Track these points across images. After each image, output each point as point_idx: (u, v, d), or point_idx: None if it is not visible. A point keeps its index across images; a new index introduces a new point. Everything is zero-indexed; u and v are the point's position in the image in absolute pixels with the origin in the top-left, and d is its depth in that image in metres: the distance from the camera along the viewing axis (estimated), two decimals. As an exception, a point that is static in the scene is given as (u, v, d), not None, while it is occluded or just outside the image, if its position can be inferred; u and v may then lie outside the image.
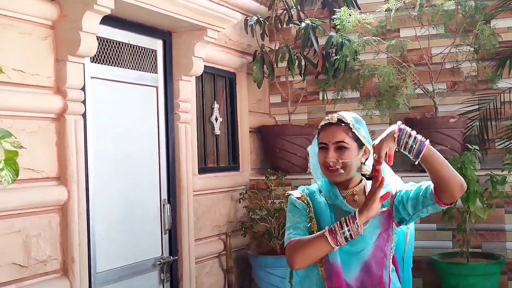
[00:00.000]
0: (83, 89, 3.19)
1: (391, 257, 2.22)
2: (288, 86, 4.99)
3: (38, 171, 2.95)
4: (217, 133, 4.56)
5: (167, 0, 3.46)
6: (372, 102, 4.64)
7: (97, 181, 3.32)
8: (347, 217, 2.09)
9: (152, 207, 3.81)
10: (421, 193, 2.18)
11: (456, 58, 4.72)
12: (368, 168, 2.25)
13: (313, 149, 2.33)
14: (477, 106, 4.74)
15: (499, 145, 4.68)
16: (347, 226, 2.08)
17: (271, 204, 4.56)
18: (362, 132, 2.25)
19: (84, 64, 3.18)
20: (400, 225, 2.23)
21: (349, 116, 2.29)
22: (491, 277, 3.96)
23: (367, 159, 2.26)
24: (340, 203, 2.23)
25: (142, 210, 3.72)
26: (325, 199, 2.27)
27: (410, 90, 4.30)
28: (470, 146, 4.03)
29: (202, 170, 4.30)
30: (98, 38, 3.22)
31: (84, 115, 3.19)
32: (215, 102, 4.55)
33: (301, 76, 4.80)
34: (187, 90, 4.04)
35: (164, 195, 3.89)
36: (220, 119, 4.58)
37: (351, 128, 2.23)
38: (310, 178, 4.55)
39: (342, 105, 4.86)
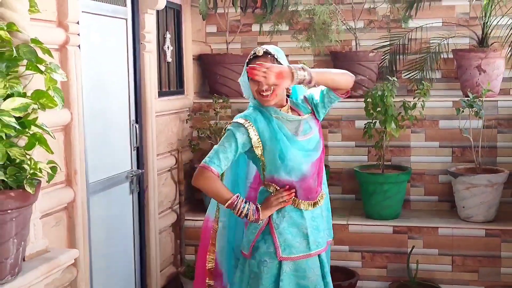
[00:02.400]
0: (78, 22, 3.60)
1: None
2: (226, 18, 5.54)
3: (48, 96, 3.37)
4: (169, 61, 5.05)
5: None
6: (304, 37, 5.32)
7: (87, 105, 3.77)
8: (254, 204, 2.78)
9: (123, 126, 4.31)
10: (325, 94, 2.93)
11: (373, -1, 5.49)
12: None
13: (243, 80, 2.88)
14: (388, 42, 5.54)
15: (405, 75, 5.54)
16: (248, 208, 2.75)
17: (215, 125, 5.18)
18: (284, 62, 2.86)
19: None
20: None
21: (271, 47, 2.88)
22: (400, 184, 4.88)
23: None
24: (282, 114, 2.82)
25: (116, 129, 4.22)
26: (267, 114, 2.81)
27: (340, 28, 5.02)
28: (390, 78, 4.83)
29: (159, 94, 4.81)
30: (87, -24, 3.61)
31: (79, 47, 3.61)
32: (167, 32, 5.02)
33: (242, 10, 5.35)
34: (150, 22, 4.50)
35: (133, 116, 4.39)
36: (171, 48, 5.06)
37: (276, 59, 2.82)
38: (247, 102, 5.21)
39: (277, 37, 5.50)
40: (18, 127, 2.44)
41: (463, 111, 4.73)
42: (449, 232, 4.76)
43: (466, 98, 4.74)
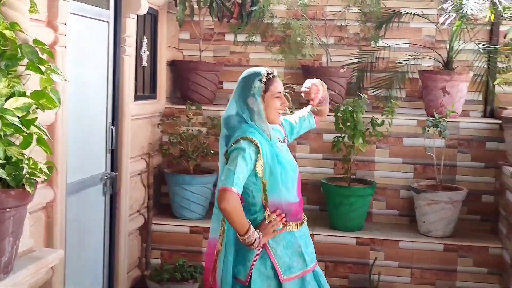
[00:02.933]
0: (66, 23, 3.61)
1: None
2: (201, 27, 5.62)
3: (35, 95, 3.37)
4: (144, 65, 5.09)
5: None
6: (279, 49, 5.46)
7: (69, 106, 3.78)
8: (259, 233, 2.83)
9: (101, 129, 4.33)
10: (305, 122, 3.24)
11: (345, 17, 5.65)
12: None
13: (257, 99, 2.91)
14: (357, 60, 5.72)
15: (372, 92, 5.73)
16: (256, 237, 2.81)
17: (187, 131, 5.24)
18: None
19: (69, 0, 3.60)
20: None
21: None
22: (366, 198, 5.05)
23: None
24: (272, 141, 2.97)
25: (94, 131, 4.24)
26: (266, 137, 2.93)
27: (314, 43, 5.17)
28: (361, 95, 5.00)
29: (135, 97, 4.84)
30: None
31: (65, 47, 3.63)
32: (144, 37, 5.06)
33: (218, 20, 5.44)
34: (131, 26, 4.54)
35: (110, 119, 4.42)
36: (147, 53, 5.10)
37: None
38: (218, 110, 5.34)
39: (251, 48, 5.62)
40: (21, 126, 2.47)
41: (428, 130, 4.93)
42: (410, 246, 4.95)
43: (432, 118, 4.94)
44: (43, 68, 2.66)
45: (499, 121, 5.18)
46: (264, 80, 2.92)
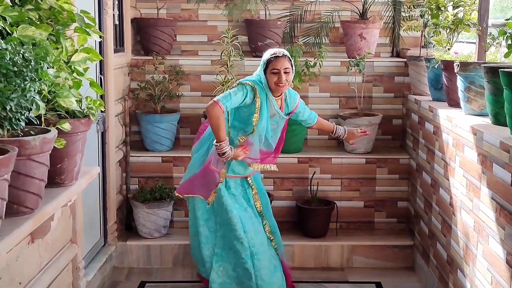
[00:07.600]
0: (73, -7, 4.52)
1: None
2: (156, -13, 6.58)
3: None
4: (116, 23, 6.02)
5: None
6: (227, 6, 6.51)
7: (76, 59, 4.72)
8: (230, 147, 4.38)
9: (94, 78, 5.27)
10: (307, 120, 4.84)
11: (277, -25, 6.77)
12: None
13: (261, 71, 4.38)
14: (289, 13, 6.86)
15: (302, 40, 6.90)
16: (226, 151, 4.31)
17: (152, 78, 6.25)
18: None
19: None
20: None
21: (285, 51, 4.41)
22: (303, 126, 6.27)
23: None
24: (274, 102, 4.36)
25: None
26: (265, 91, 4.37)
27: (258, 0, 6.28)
28: (297, 42, 6.16)
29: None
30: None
31: (74, 12, 4.54)
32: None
33: (175, -18, 6.42)
34: (110, -9, 5.48)
35: (98, 70, 5.37)
36: (117, 12, 6.03)
37: (290, 60, 4.29)
38: (176, 59, 6.39)
39: (202, 5, 6.63)
40: (84, 73, 3.47)
41: (351, 69, 6.19)
42: (339, 161, 6.26)
43: (354, 59, 6.19)
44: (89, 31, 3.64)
45: (404, 60, 6.50)
46: (268, 58, 4.30)
